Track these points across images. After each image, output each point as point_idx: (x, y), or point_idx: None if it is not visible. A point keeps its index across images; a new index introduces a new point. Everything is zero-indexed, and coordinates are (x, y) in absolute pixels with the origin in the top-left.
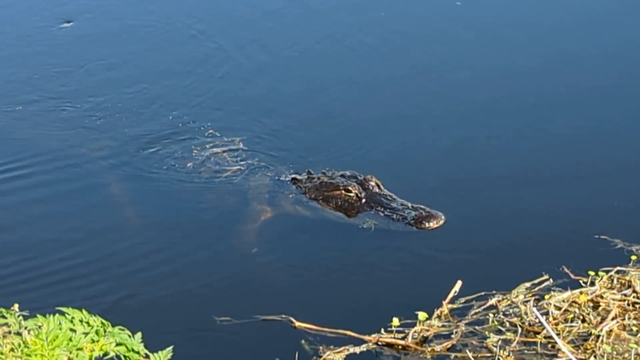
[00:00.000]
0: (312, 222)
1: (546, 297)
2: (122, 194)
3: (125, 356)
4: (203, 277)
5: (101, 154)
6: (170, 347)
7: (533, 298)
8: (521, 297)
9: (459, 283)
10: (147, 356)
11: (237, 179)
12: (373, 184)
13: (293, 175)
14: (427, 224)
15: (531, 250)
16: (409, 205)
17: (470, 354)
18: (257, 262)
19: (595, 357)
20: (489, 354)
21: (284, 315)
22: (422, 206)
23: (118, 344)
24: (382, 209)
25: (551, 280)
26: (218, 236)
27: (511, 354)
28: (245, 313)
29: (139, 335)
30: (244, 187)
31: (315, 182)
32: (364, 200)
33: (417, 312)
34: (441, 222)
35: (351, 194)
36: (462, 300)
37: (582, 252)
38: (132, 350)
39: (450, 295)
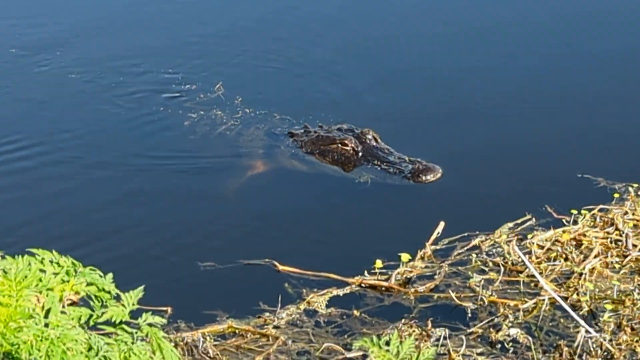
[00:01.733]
0: (305, 175)
1: (529, 236)
2: None
3: (96, 296)
4: (187, 224)
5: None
6: (142, 287)
7: (516, 238)
8: (504, 237)
9: (442, 224)
10: (118, 296)
11: (230, 134)
12: (370, 137)
13: (289, 130)
14: (423, 178)
15: (514, 190)
16: (406, 158)
17: (453, 294)
18: (242, 210)
19: (577, 294)
20: (472, 294)
21: (267, 260)
22: (420, 159)
23: (89, 284)
24: (378, 163)
25: (534, 220)
26: (204, 187)
27: (494, 294)
28: (229, 258)
29: (110, 275)
30: (237, 141)
31: (311, 136)
32: (360, 154)
33: (399, 254)
34: (438, 175)
35: (347, 148)
36: (445, 241)
37: (565, 192)
38: (103, 290)
39: (433, 237)
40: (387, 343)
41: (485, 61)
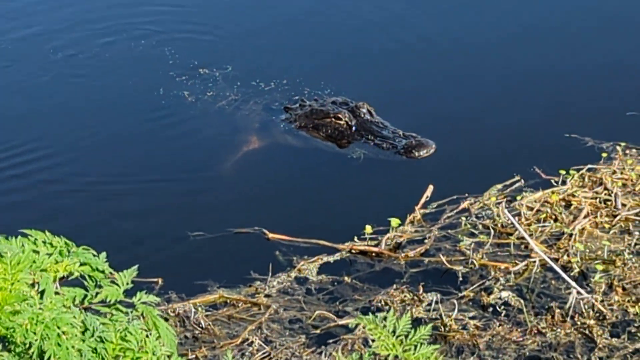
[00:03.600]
0: (298, 150)
1: (518, 198)
2: None
3: (89, 276)
4: (178, 196)
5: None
6: (135, 267)
7: (505, 200)
8: (493, 199)
9: (431, 188)
10: (112, 275)
11: (229, 108)
12: (365, 110)
13: (286, 104)
14: (416, 153)
15: (503, 152)
16: (400, 133)
17: (443, 258)
18: (232, 182)
19: (568, 255)
20: (462, 257)
21: (257, 228)
22: (414, 134)
23: (82, 264)
24: (372, 138)
25: (523, 181)
26: (198, 160)
27: (484, 257)
28: (219, 227)
29: (103, 254)
30: (235, 116)
31: (305, 110)
32: (354, 129)
33: (389, 219)
34: (432, 150)
35: (341, 122)
36: (435, 205)
37: (553, 152)
38: (97, 269)
39: (422, 201)
40: (385, 318)
41: (467, 29)
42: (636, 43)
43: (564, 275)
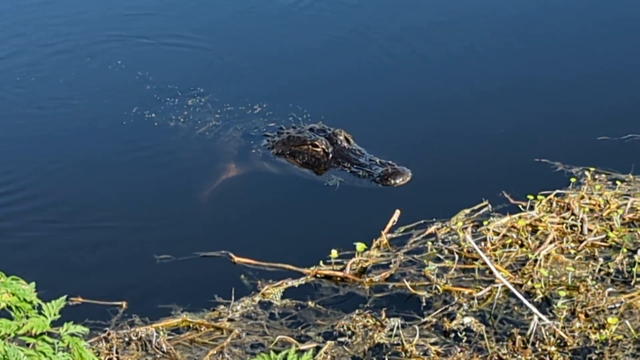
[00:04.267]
0: (275, 177)
1: (485, 223)
2: None
3: (17, 307)
4: (149, 220)
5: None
6: (64, 297)
7: (472, 224)
8: (460, 224)
9: (397, 212)
10: (39, 306)
11: (210, 135)
12: (342, 138)
13: (264, 131)
14: (392, 181)
15: (473, 176)
16: (377, 160)
17: (407, 283)
18: (207, 207)
19: (532, 281)
20: (427, 283)
21: (223, 252)
22: (390, 162)
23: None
24: (348, 165)
25: (490, 206)
26: (175, 187)
27: (449, 282)
28: (188, 252)
29: (32, 284)
30: (215, 143)
31: (283, 137)
32: (330, 156)
33: (355, 243)
34: (408, 178)
35: (318, 149)
36: (402, 229)
37: (523, 177)
38: (25, 300)
39: (389, 225)
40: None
41: (435, 51)
42: (608, 67)
43: (525, 301)
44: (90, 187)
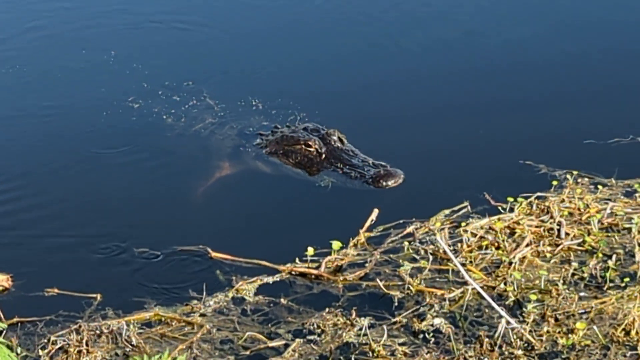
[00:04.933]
0: (267, 176)
1: (463, 224)
2: None
3: None
4: (132, 212)
5: None
6: None
7: (450, 225)
8: (438, 224)
9: (376, 211)
10: None
11: (205, 132)
12: (335, 138)
13: (259, 131)
14: (384, 183)
15: (456, 177)
16: (370, 161)
17: (381, 283)
18: (197, 204)
19: (505, 284)
20: (400, 283)
21: (200, 246)
22: (383, 163)
23: None
24: (341, 166)
25: (470, 207)
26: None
27: (422, 282)
28: (166, 245)
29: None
30: (210, 140)
31: (277, 136)
32: (323, 156)
33: (331, 242)
34: (400, 180)
35: (311, 149)
36: (381, 228)
37: (506, 179)
38: None
39: (367, 224)
40: None
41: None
42: (594, 73)
43: (493, 303)
44: (76, 183)
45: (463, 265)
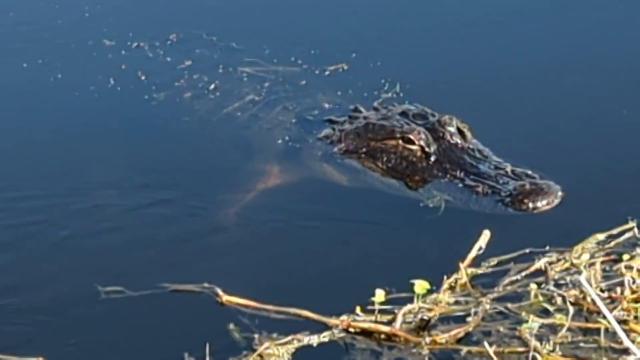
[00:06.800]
0: (339, 188)
1: (625, 257)
2: None
3: None
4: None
5: None
6: None
7: (605, 258)
8: (586, 257)
9: (486, 234)
10: None
11: (243, 116)
12: (453, 130)
13: (331, 114)
14: (531, 205)
15: (616, 184)
16: (509, 168)
17: (491, 349)
18: (230, 230)
19: None
20: (522, 348)
21: (206, 285)
22: (529, 172)
23: None
24: (461, 175)
25: (637, 230)
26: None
27: (557, 349)
28: (154, 284)
29: None
30: (251, 130)
31: (358, 124)
32: (433, 158)
33: (412, 281)
34: (556, 200)
35: (413, 147)
36: (494, 262)
37: None
38: None
39: (472, 255)
40: None
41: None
42: None
43: None
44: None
45: (624, 322)
